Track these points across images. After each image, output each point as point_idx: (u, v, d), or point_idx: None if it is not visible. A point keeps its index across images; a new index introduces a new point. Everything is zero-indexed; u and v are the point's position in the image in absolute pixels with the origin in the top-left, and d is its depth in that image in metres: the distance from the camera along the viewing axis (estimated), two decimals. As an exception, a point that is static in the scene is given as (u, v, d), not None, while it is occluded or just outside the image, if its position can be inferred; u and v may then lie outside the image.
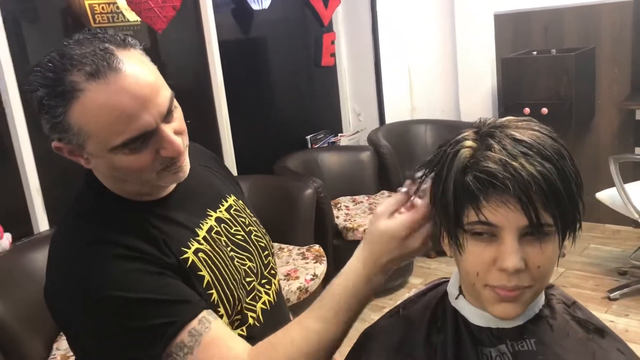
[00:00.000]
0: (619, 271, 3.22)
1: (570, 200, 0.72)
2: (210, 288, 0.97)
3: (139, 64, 0.87)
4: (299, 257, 2.65)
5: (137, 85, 0.85)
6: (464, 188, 0.72)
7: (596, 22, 3.53)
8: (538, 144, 0.71)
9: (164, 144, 0.89)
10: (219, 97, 3.24)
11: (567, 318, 0.84)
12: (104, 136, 0.86)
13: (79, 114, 0.84)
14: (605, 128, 3.61)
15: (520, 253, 0.72)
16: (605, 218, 3.67)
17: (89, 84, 0.83)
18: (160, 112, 0.88)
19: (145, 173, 0.91)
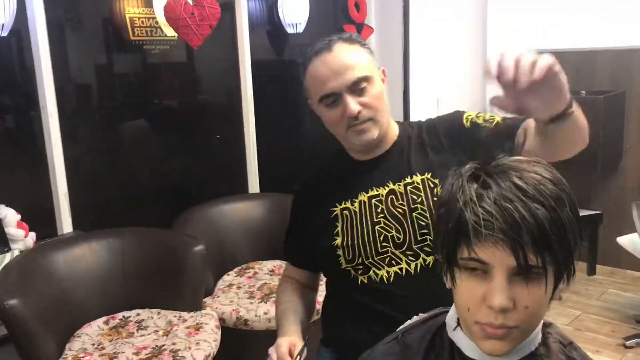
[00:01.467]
0: (637, 319, 3.17)
1: (562, 246, 0.74)
2: (337, 235, 1.35)
3: (346, 51, 1.28)
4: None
5: (333, 62, 1.27)
6: (460, 225, 0.75)
7: (628, 66, 3.53)
8: (535, 189, 0.74)
9: (344, 107, 1.27)
10: (247, 115, 3.30)
11: (562, 358, 0.86)
12: (314, 91, 1.32)
13: (308, 77, 1.33)
14: (632, 172, 3.58)
15: (509, 292, 0.74)
16: (627, 263, 3.62)
17: (313, 59, 1.30)
18: (344, 83, 1.26)
19: (337, 127, 1.32)
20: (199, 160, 3.23)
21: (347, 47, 1.29)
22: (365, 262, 1.32)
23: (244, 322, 2.35)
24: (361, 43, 1.33)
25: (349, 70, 1.27)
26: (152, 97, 3.08)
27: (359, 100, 1.28)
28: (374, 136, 1.31)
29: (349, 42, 1.30)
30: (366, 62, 1.30)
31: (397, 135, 1.39)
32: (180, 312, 2.31)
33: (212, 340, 2.13)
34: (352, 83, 1.27)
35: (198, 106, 3.31)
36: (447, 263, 0.80)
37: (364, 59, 1.30)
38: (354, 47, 1.30)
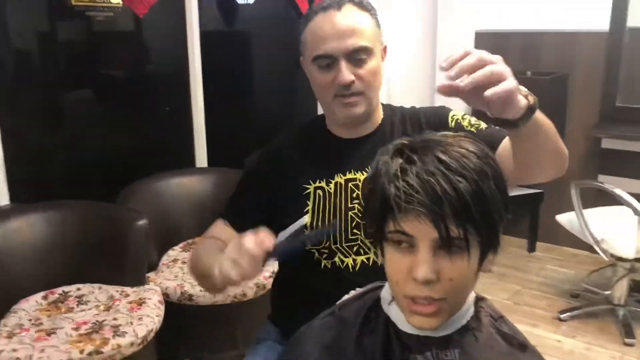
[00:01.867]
0: (572, 293, 3.30)
1: (486, 218, 0.75)
2: (307, 214, 1.27)
3: (355, 15, 1.22)
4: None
5: (339, 22, 1.21)
6: (385, 200, 0.76)
7: (572, 49, 3.62)
8: (458, 162, 0.75)
9: (337, 73, 1.21)
10: (195, 87, 3.24)
11: (492, 331, 0.88)
12: (311, 48, 1.24)
13: (307, 31, 1.24)
14: (572, 153, 3.61)
15: (433, 265, 0.76)
16: (565, 241, 3.76)
17: (319, 13, 1.23)
18: (344, 48, 1.20)
19: (325, 92, 1.24)
20: (145, 132, 3.16)
21: (356, 11, 1.23)
22: (332, 246, 1.26)
23: (188, 297, 2.34)
24: (372, 12, 1.27)
25: (352, 36, 1.20)
26: (97, 67, 2.97)
27: (354, 71, 1.22)
28: (360, 111, 1.25)
29: (360, 7, 1.25)
30: (371, 33, 1.24)
31: (381, 119, 1.34)
32: (123, 287, 2.27)
33: (155, 315, 2.11)
34: (352, 50, 1.20)
35: (145, 77, 3.22)
36: (376, 237, 0.81)
37: (371, 29, 1.24)
38: (364, 13, 1.25)
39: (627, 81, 3.64)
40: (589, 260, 3.59)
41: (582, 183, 2.89)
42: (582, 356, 2.75)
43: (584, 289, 3.26)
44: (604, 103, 3.57)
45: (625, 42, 3.50)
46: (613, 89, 3.55)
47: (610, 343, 2.83)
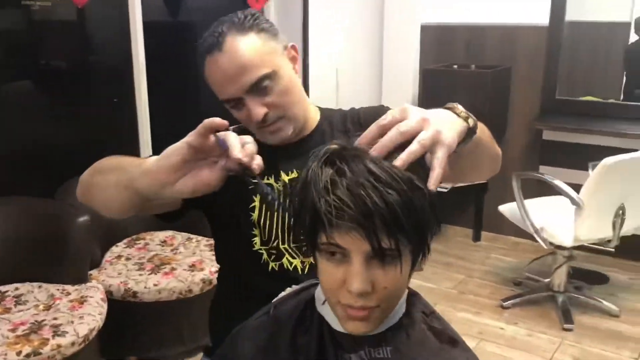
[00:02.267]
0: (515, 281, 3.39)
1: (416, 227, 0.76)
2: (253, 211, 1.22)
3: (239, 46, 1.12)
4: (206, 249, 2.65)
5: (227, 64, 1.12)
6: (316, 213, 0.75)
7: (514, 42, 3.70)
8: (388, 173, 0.74)
9: (248, 111, 1.15)
10: (139, 79, 3.16)
11: (424, 327, 0.89)
12: (216, 91, 1.17)
13: (205, 74, 1.17)
14: (514, 145, 3.79)
15: (367, 276, 0.76)
16: (508, 230, 3.86)
17: (206, 59, 1.15)
18: (242, 88, 1.13)
19: (248, 126, 1.20)
20: (87, 125, 3.07)
21: (240, 40, 1.12)
22: (280, 246, 1.22)
23: (132, 294, 2.30)
24: (258, 28, 1.14)
25: (245, 72, 1.12)
26: (37, 57, 2.87)
27: (264, 102, 1.15)
28: (288, 134, 1.20)
29: (242, 31, 1.13)
30: (265, 55, 1.14)
31: (318, 120, 1.30)
32: (64, 285, 2.22)
33: (97, 313, 2.07)
34: (251, 86, 1.13)
35: (87, 68, 3.13)
36: (308, 246, 0.81)
37: (262, 51, 1.14)
38: (249, 37, 1.13)
39: (566, 74, 3.75)
40: (531, 248, 3.70)
41: (523, 174, 2.97)
42: (523, 342, 2.83)
43: (526, 277, 3.36)
44: (545, 96, 3.67)
45: (565, 35, 3.60)
46: (553, 82, 3.65)
47: (550, 329, 2.93)
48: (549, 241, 2.89)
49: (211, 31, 1.15)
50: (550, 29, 3.57)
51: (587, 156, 3.08)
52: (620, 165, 2.63)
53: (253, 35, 1.14)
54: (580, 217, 2.73)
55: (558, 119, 3.56)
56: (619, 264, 3.57)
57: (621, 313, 3.03)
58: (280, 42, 1.18)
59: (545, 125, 3.58)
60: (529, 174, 3.05)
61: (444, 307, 3.05)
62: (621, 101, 3.72)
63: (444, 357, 0.86)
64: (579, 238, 2.78)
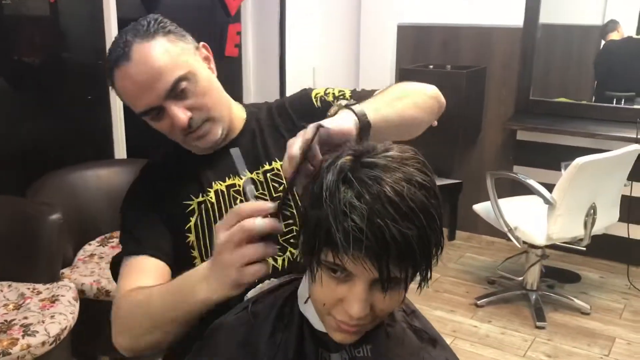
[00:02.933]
0: (489, 280, 3.43)
1: (425, 258, 0.75)
2: (190, 232, 1.15)
3: (148, 53, 1.06)
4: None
5: (139, 73, 1.06)
6: (329, 235, 0.72)
7: (488, 43, 3.74)
8: (408, 205, 0.71)
9: (170, 119, 1.10)
10: (113, 76, 3.13)
11: (404, 326, 0.90)
12: (130, 106, 1.12)
13: (116, 89, 1.11)
14: (489, 145, 3.83)
15: (368, 301, 0.75)
16: (482, 229, 3.90)
17: (114, 71, 1.08)
18: (160, 93, 1.07)
19: (172, 136, 1.14)
20: (60, 122, 3.02)
21: (147, 46, 1.06)
22: None
23: (105, 293, 2.27)
24: (164, 30, 1.10)
25: (159, 78, 1.06)
26: (9, 52, 2.82)
27: (185, 105, 1.09)
28: (217, 136, 1.15)
29: (147, 37, 1.07)
30: (177, 57, 1.09)
31: (245, 120, 1.24)
32: (35, 284, 2.18)
33: (68, 312, 2.03)
34: (168, 91, 1.07)
35: (60, 64, 3.08)
36: (309, 259, 0.78)
37: (173, 52, 1.09)
38: (156, 41, 1.07)
39: (540, 76, 3.81)
40: (506, 247, 3.75)
41: (497, 174, 3.00)
42: (496, 340, 2.86)
43: (500, 275, 3.39)
44: (519, 96, 3.72)
45: (539, 38, 3.65)
46: (527, 83, 3.70)
47: (523, 327, 2.97)
48: (522, 240, 2.92)
49: (115, 43, 1.09)
50: (524, 31, 3.62)
51: (560, 156, 3.13)
52: (592, 165, 2.67)
53: (160, 38, 1.08)
54: (553, 216, 2.76)
55: (532, 120, 3.61)
56: (590, 263, 3.63)
57: (592, 311, 3.09)
58: (189, 42, 1.14)
59: (519, 126, 3.63)
60: (503, 174, 3.08)
61: (419, 306, 3.01)
62: (593, 102, 3.78)
63: (423, 356, 0.87)
64: (551, 237, 2.82)
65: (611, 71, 3.86)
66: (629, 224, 3.28)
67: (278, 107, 1.27)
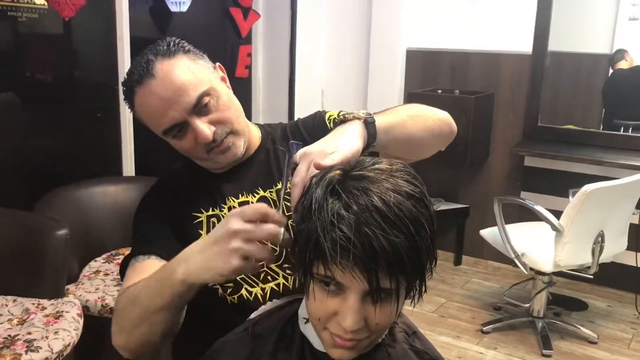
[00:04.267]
0: (495, 306, 3.40)
1: (416, 269, 0.75)
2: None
3: (172, 69, 1.09)
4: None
5: (164, 89, 1.08)
6: (318, 246, 0.73)
7: (497, 69, 3.76)
8: (395, 214, 0.72)
9: (195, 133, 1.11)
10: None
11: (405, 347, 0.89)
12: (151, 125, 1.14)
13: (137, 110, 1.13)
14: (497, 170, 3.83)
15: (361, 314, 0.75)
16: (489, 254, 3.88)
17: (137, 91, 1.10)
18: (186, 108, 1.09)
19: (195, 154, 1.15)
20: (70, 138, 3.05)
21: (170, 63, 1.10)
22: (236, 278, 1.13)
23: (109, 311, 2.26)
24: (183, 50, 1.14)
25: (184, 92, 1.09)
26: (22, 69, 2.85)
27: (209, 119, 1.12)
28: (240, 149, 1.17)
29: (169, 56, 1.11)
30: (198, 73, 1.12)
31: (260, 139, 1.27)
32: (40, 299, 2.17)
33: (72, 329, 2.02)
34: (194, 105, 1.10)
35: (72, 81, 3.11)
36: (302, 273, 0.79)
37: (195, 69, 1.12)
38: (177, 59, 1.11)
39: (548, 102, 3.81)
40: (512, 274, 3.72)
41: (504, 199, 2.99)
42: (502, 367, 2.83)
43: (506, 301, 3.36)
44: (527, 122, 3.72)
45: (547, 64, 3.67)
46: (535, 109, 3.70)
47: (529, 354, 2.93)
48: (529, 266, 2.90)
49: (136, 63, 1.11)
50: (533, 58, 3.63)
51: (567, 183, 3.12)
52: (600, 193, 2.66)
53: (181, 56, 1.12)
54: (560, 243, 2.75)
55: (539, 146, 3.60)
56: (598, 291, 3.60)
57: (599, 340, 3.05)
58: (208, 61, 1.18)
59: (526, 152, 3.62)
60: (510, 199, 3.07)
61: (425, 331, 3.00)
62: (601, 130, 3.78)
63: (424, 377, 0.86)
64: (558, 264, 2.80)
65: (619, 100, 3.87)
66: (637, 252, 3.25)
67: (292, 127, 1.31)
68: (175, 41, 1.14)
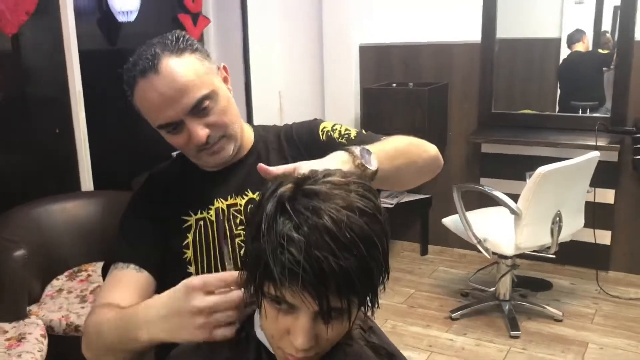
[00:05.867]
0: (462, 293, 3.46)
1: (367, 288, 0.75)
2: (188, 248, 1.18)
3: (177, 68, 1.09)
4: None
5: (166, 87, 1.08)
6: (267, 268, 0.72)
7: (449, 60, 3.81)
8: (347, 234, 0.71)
9: (190, 133, 1.12)
10: (76, 107, 3.11)
11: (362, 344, 0.90)
12: (148, 118, 1.14)
13: (135, 99, 1.13)
14: (455, 158, 3.89)
15: (312, 333, 0.75)
16: (454, 242, 3.93)
17: (138, 80, 1.10)
18: (184, 109, 1.10)
19: (185, 150, 1.17)
20: (24, 157, 2.99)
21: (175, 61, 1.09)
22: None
23: (74, 329, 2.23)
24: (192, 48, 1.13)
25: (184, 94, 1.09)
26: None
27: (205, 122, 1.12)
28: (229, 152, 1.18)
29: (177, 52, 1.10)
30: (203, 75, 1.12)
31: (253, 141, 1.27)
32: (0, 322, 2.13)
33: (36, 350, 2.00)
34: (192, 107, 1.10)
35: (22, 98, 3.05)
36: (254, 292, 0.78)
37: (199, 71, 1.12)
38: (184, 58, 1.11)
39: (503, 89, 3.89)
40: (477, 259, 3.77)
41: (463, 186, 3.04)
42: (472, 352, 2.88)
43: (472, 287, 3.42)
44: (481, 110, 3.78)
45: (497, 52, 3.73)
46: (488, 96, 3.77)
47: (498, 337, 2.99)
48: (491, 251, 2.96)
49: (141, 53, 1.11)
50: (482, 46, 3.69)
51: (524, 167, 3.17)
52: (554, 174, 2.73)
53: (189, 55, 1.12)
54: (520, 225, 2.81)
55: (495, 132, 3.67)
56: (561, 270, 3.68)
57: (564, 317, 3.13)
58: (213, 62, 1.17)
59: (482, 139, 3.68)
60: (469, 186, 3.12)
61: (395, 322, 3.07)
62: (555, 113, 3.87)
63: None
64: (519, 246, 2.86)
65: (575, 81, 3.95)
66: (594, 229, 3.34)
67: (286, 132, 1.29)
68: (185, 37, 1.14)
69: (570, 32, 3.81)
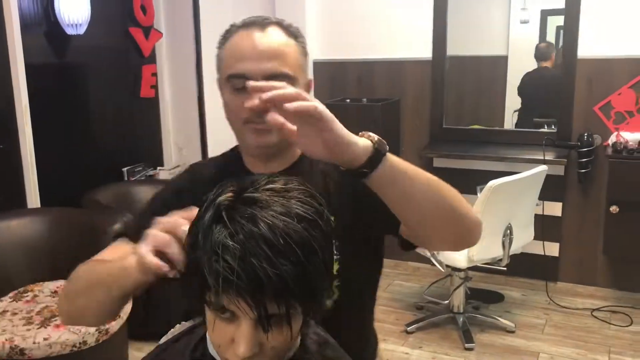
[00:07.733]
0: (417, 306, 3.48)
1: (307, 294, 0.74)
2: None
3: (281, 37, 1.12)
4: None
5: (260, 42, 1.10)
6: (204, 276, 0.72)
7: (401, 76, 3.88)
8: (284, 239, 0.70)
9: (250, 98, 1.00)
10: (23, 123, 3.02)
11: (318, 358, 0.89)
12: (226, 65, 1.13)
13: (226, 47, 1.14)
14: (409, 173, 3.92)
15: (255, 340, 0.74)
16: (408, 255, 3.93)
17: (240, 30, 1.13)
18: (262, 71, 1.08)
19: (235, 116, 1.12)
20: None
21: (282, 34, 1.13)
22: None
23: (19, 352, 2.14)
24: (298, 39, 1.15)
25: (273, 59, 1.09)
26: None
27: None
28: (272, 140, 1.11)
29: (287, 31, 1.14)
30: (295, 61, 1.13)
31: (299, 154, 1.21)
32: (-60, 348, 2.03)
33: (-22, 376, 1.90)
34: (271, 75, 1.07)
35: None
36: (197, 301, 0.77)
37: (295, 56, 1.13)
38: (289, 39, 1.14)
39: (453, 104, 3.97)
40: (431, 272, 3.82)
41: (417, 201, 3.06)
42: (427, 365, 2.90)
43: (427, 300, 3.45)
44: (432, 125, 3.85)
45: (448, 69, 3.82)
46: (439, 112, 3.84)
47: (453, 350, 3.02)
48: (445, 264, 2.99)
49: (254, 17, 1.15)
50: (433, 63, 3.77)
51: (475, 180, 3.23)
52: (505, 187, 2.79)
53: (293, 41, 1.15)
54: (472, 238, 2.85)
55: (446, 147, 3.74)
56: (512, 282, 3.76)
57: (516, 328, 3.18)
58: (307, 67, 1.19)
59: (435, 153, 3.75)
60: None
61: (351, 337, 3.05)
62: (503, 128, 3.96)
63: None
64: (472, 259, 2.90)
65: (538, 98, 4.03)
66: (544, 241, 3.43)
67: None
68: (297, 28, 1.18)
69: (541, 45, 3.88)
